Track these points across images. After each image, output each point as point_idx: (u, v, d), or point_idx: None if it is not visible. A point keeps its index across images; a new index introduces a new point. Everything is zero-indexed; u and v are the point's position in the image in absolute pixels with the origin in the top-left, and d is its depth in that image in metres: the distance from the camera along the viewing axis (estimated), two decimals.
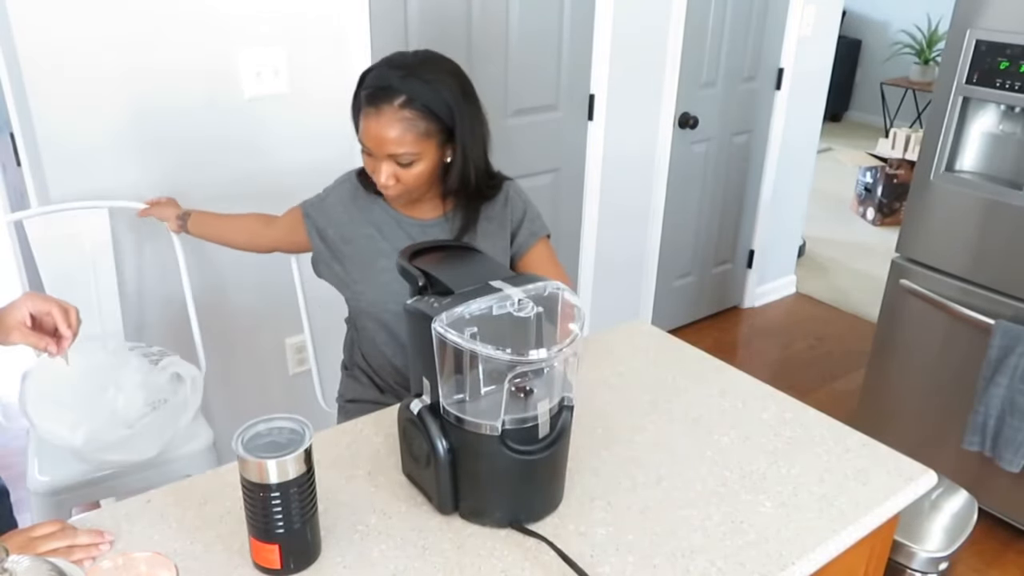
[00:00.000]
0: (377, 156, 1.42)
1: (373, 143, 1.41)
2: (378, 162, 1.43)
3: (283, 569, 1.05)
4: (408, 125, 1.39)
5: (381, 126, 1.39)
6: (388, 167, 1.42)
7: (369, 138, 1.41)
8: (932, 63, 6.23)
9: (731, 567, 1.09)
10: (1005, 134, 2.32)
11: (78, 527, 1.07)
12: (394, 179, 1.43)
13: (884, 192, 4.99)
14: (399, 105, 1.38)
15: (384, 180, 1.43)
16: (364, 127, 1.42)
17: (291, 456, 1.00)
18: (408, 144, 1.40)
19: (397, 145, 1.40)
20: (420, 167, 1.43)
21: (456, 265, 1.23)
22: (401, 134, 1.39)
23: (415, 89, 1.39)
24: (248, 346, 2.40)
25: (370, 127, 1.40)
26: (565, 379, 1.14)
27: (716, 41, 3.20)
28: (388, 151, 1.40)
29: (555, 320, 1.13)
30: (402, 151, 1.40)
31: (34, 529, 1.03)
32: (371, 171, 1.47)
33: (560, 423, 1.13)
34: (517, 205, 1.61)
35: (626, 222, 3.24)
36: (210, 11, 2.01)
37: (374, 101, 1.39)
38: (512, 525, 1.13)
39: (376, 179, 1.46)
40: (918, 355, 2.53)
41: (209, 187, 2.17)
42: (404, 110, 1.38)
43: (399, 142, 1.39)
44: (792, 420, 1.42)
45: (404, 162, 1.42)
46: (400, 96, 1.38)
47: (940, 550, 1.71)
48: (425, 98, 1.39)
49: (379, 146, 1.40)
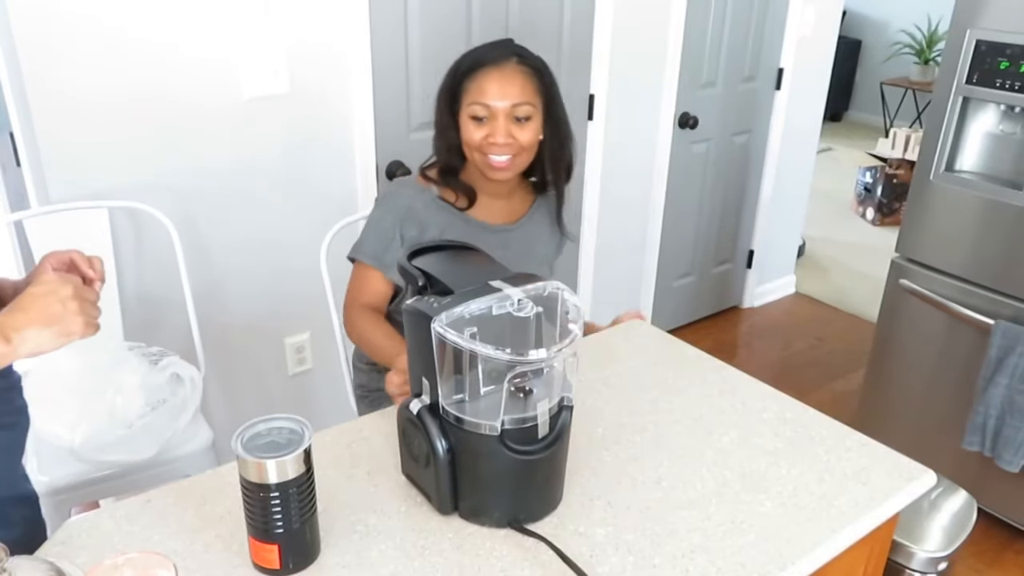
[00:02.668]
0: (494, 114, 1.47)
1: (496, 96, 1.47)
2: (494, 121, 1.48)
3: (282, 569, 1.05)
4: (527, 78, 1.49)
5: (505, 77, 1.47)
6: (506, 123, 1.47)
7: (490, 92, 1.47)
8: (932, 63, 6.23)
9: (731, 567, 1.08)
10: (1005, 134, 2.32)
11: None
12: (511, 137, 1.48)
13: (884, 192, 4.99)
14: (517, 61, 1.50)
15: (502, 138, 1.47)
16: (483, 85, 1.47)
17: (290, 456, 1.00)
18: (530, 95, 1.48)
19: (520, 94, 1.47)
20: (532, 125, 1.50)
21: (456, 265, 1.23)
22: (524, 84, 1.48)
23: (525, 53, 1.53)
24: (248, 346, 2.40)
25: (492, 82, 1.47)
26: (565, 379, 1.14)
27: (716, 41, 3.20)
28: (512, 101, 1.47)
29: (555, 320, 1.13)
30: (524, 99, 1.47)
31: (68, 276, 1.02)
32: (480, 139, 1.49)
33: (560, 423, 1.13)
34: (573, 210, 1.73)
35: (626, 222, 3.24)
36: (210, 11, 2.01)
37: (494, 60, 1.48)
38: (511, 525, 1.13)
39: (492, 141, 1.48)
40: (918, 355, 2.53)
41: (208, 187, 2.17)
42: (522, 65, 1.50)
43: (522, 92, 1.47)
44: (792, 420, 1.42)
45: (522, 115, 1.48)
46: (514, 56, 1.50)
47: (939, 550, 1.71)
48: (535, 61, 1.53)
49: (503, 98, 1.46)
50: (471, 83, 1.49)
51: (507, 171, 1.54)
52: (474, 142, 1.51)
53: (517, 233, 1.65)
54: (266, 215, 2.28)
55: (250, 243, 2.29)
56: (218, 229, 2.23)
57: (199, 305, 2.12)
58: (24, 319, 0.98)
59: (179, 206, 2.11)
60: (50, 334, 1.00)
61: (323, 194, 2.33)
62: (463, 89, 1.51)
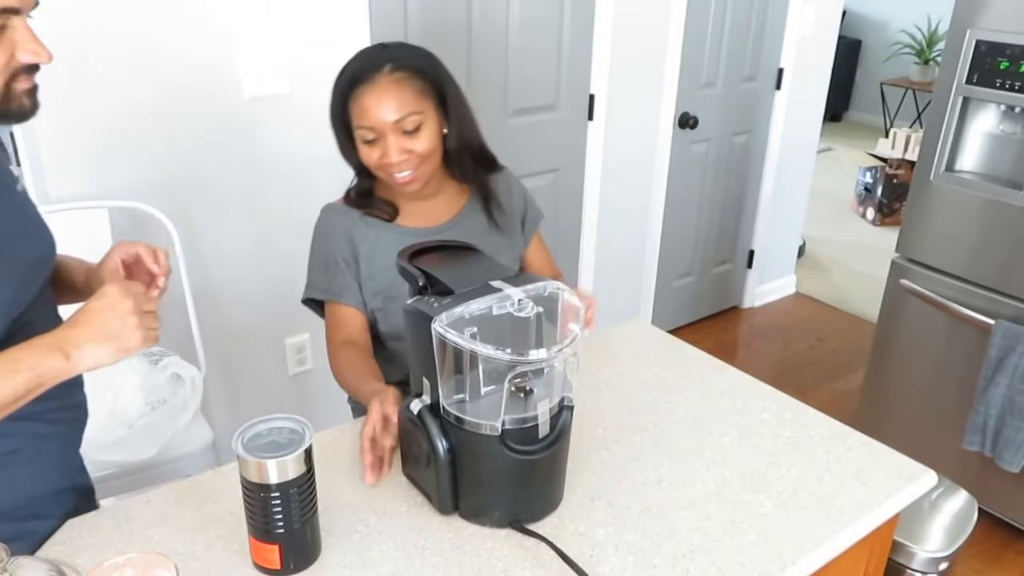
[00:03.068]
0: (381, 133, 1.38)
1: (375, 116, 1.37)
2: (383, 140, 1.39)
3: (283, 569, 1.05)
4: (405, 85, 1.37)
5: (380, 94, 1.36)
6: (396, 140, 1.38)
7: (369, 114, 1.37)
8: (932, 63, 6.23)
9: (731, 567, 1.08)
10: (1005, 134, 2.32)
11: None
12: (405, 152, 1.39)
13: (884, 192, 4.99)
14: (389, 70, 1.37)
15: (396, 156, 1.38)
16: (361, 106, 1.37)
17: (291, 456, 1.00)
18: (410, 103, 1.37)
19: (400, 107, 1.36)
20: (426, 133, 1.40)
21: (456, 265, 1.23)
22: (401, 95, 1.37)
23: (398, 54, 1.41)
24: (248, 346, 2.40)
25: (368, 101, 1.37)
26: (565, 379, 1.14)
27: (716, 41, 3.20)
28: (393, 118, 1.36)
29: (555, 320, 1.13)
30: (406, 113, 1.37)
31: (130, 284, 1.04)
32: (376, 161, 1.41)
33: (560, 423, 1.13)
34: (519, 194, 1.63)
35: (626, 222, 3.24)
36: (210, 11, 2.01)
37: (365, 76, 1.37)
38: (512, 525, 1.13)
39: (386, 162, 1.40)
40: (918, 355, 2.53)
41: (208, 187, 2.17)
42: (396, 73, 1.37)
43: (401, 103, 1.37)
44: (792, 420, 1.42)
45: (410, 128, 1.38)
46: (387, 63, 1.38)
47: (940, 550, 1.71)
48: (410, 59, 1.41)
49: (382, 115, 1.36)
50: (352, 105, 1.39)
51: (414, 183, 1.45)
52: (372, 164, 1.43)
53: (454, 233, 1.53)
54: (266, 215, 2.28)
55: (250, 243, 2.29)
56: (218, 229, 2.23)
57: (199, 305, 2.12)
58: (84, 335, 0.99)
59: (179, 206, 2.11)
60: (108, 350, 1.00)
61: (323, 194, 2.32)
62: (347, 111, 1.41)
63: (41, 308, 1.13)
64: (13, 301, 1.05)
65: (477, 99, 2.59)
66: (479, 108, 1.55)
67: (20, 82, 0.98)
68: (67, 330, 0.99)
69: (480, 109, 2.68)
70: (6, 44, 0.94)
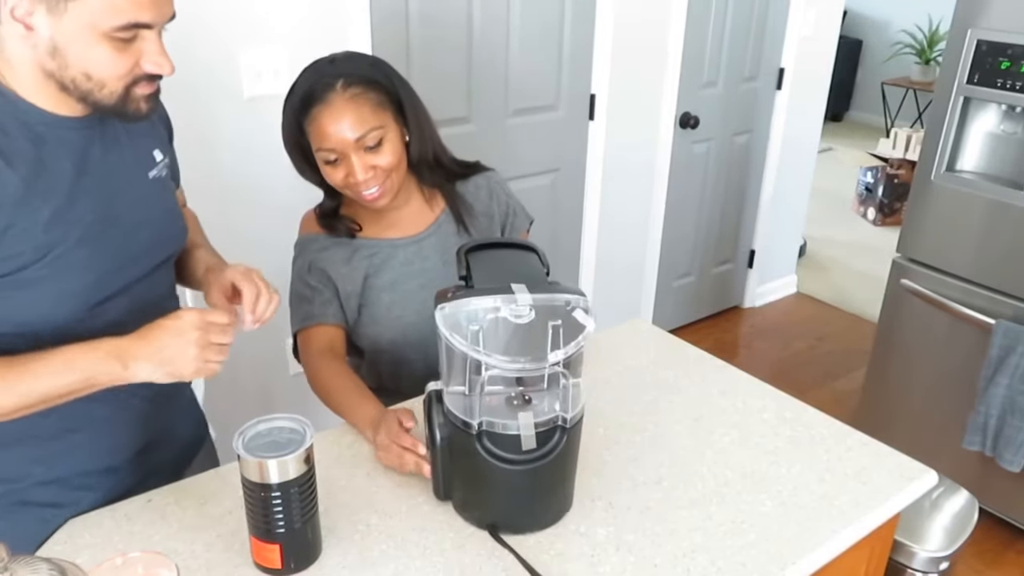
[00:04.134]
0: (343, 153, 1.33)
1: (335, 137, 1.32)
2: (346, 160, 1.33)
3: (284, 569, 1.05)
4: (360, 101, 1.32)
5: (336, 114, 1.31)
6: (359, 159, 1.33)
7: (328, 136, 1.32)
8: (933, 63, 6.23)
9: (731, 567, 1.08)
10: (1006, 134, 2.32)
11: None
12: (370, 169, 1.35)
13: (885, 192, 4.99)
14: (342, 87, 1.31)
15: (361, 175, 1.34)
16: (319, 128, 1.32)
17: (292, 456, 1.00)
18: (369, 119, 1.32)
19: (359, 125, 1.31)
20: (388, 146, 1.35)
21: (499, 263, 1.20)
22: (358, 111, 1.31)
23: (348, 68, 1.35)
24: (248, 346, 2.39)
25: (325, 122, 1.31)
26: (566, 400, 1.10)
27: (717, 41, 3.20)
28: (354, 136, 1.31)
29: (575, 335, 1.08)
30: (366, 129, 1.32)
31: (210, 314, 1.06)
32: (342, 180, 1.36)
33: (552, 444, 1.09)
34: (501, 198, 1.57)
35: (626, 222, 3.23)
36: (210, 11, 2.01)
37: (318, 96, 1.32)
38: (489, 530, 1.13)
39: (352, 181, 1.36)
40: (919, 355, 2.53)
41: (209, 187, 2.16)
42: (349, 89, 1.32)
43: (359, 120, 1.31)
44: (792, 420, 1.42)
45: (372, 144, 1.33)
46: (339, 80, 1.32)
47: (940, 550, 1.71)
48: (361, 71, 1.35)
49: (342, 135, 1.31)
50: (309, 126, 1.34)
51: (383, 198, 1.39)
52: (337, 184, 1.38)
53: (432, 240, 1.50)
54: (266, 215, 2.28)
55: (250, 243, 2.28)
56: (218, 229, 2.22)
57: (199, 304, 2.12)
58: (144, 351, 1.03)
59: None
60: (161, 372, 1.04)
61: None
62: (304, 132, 1.36)
63: (152, 290, 1.19)
64: (95, 285, 1.08)
65: (477, 99, 2.61)
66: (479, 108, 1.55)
67: (141, 87, 1.04)
68: (133, 341, 1.03)
69: (480, 109, 2.70)
70: (133, 53, 1.00)
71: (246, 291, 1.18)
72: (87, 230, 1.05)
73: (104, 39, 0.97)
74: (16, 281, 1.01)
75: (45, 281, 1.02)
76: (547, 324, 1.06)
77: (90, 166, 1.07)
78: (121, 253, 1.11)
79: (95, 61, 0.98)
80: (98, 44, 0.97)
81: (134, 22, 0.98)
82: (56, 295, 1.04)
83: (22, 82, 1.00)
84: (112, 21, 0.96)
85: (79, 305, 1.07)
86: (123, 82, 1.01)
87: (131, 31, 0.98)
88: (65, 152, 1.04)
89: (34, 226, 1.00)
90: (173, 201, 1.26)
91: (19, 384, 1.00)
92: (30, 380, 1.00)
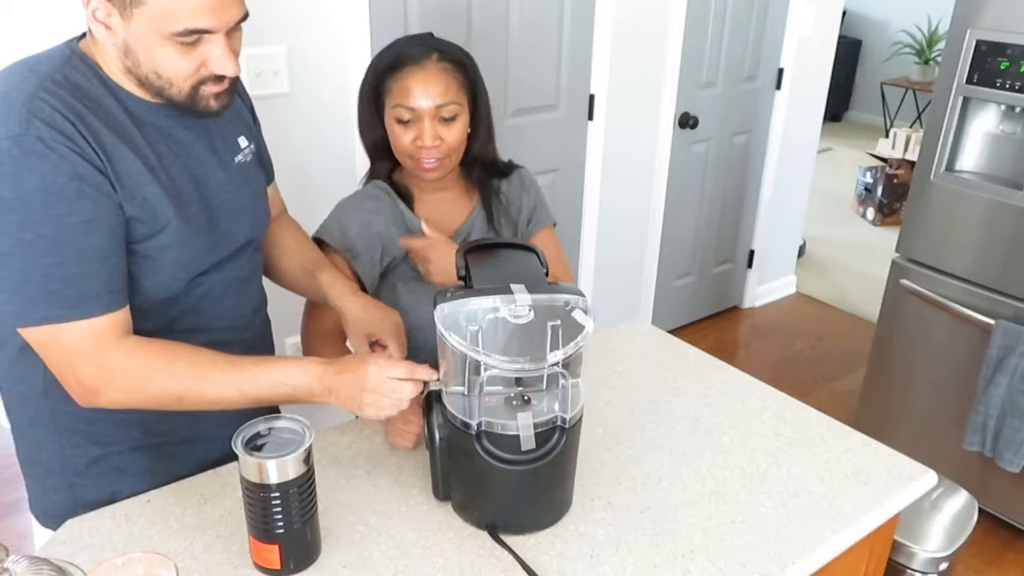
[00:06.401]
0: (419, 116, 1.40)
1: (419, 97, 1.39)
2: (419, 123, 1.41)
3: (283, 569, 1.05)
4: (450, 76, 1.41)
5: (428, 76, 1.39)
6: (432, 126, 1.41)
7: (413, 94, 1.39)
8: (932, 63, 6.23)
9: (731, 567, 1.09)
10: (1005, 134, 2.32)
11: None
12: (438, 139, 1.42)
13: (884, 192, 4.99)
14: (437, 58, 1.41)
15: (430, 141, 1.41)
16: (404, 86, 1.39)
17: (291, 456, 1.00)
18: (453, 93, 1.41)
19: (444, 94, 1.40)
20: (459, 124, 1.44)
21: (497, 263, 1.21)
22: (447, 83, 1.40)
23: (445, 46, 1.44)
24: None
25: (413, 82, 1.39)
26: (565, 400, 1.10)
27: (716, 41, 3.20)
28: (436, 103, 1.39)
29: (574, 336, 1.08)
30: (448, 100, 1.40)
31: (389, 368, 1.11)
32: (408, 143, 1.42)
33: (551, 444, 1.09)
34: (532, 191, 1.63)
35: (626, 222, 3.24)
36: None
37: (415, 58, 1.40)
38: (488, 530, 1.13)
39: (419, 144, 1.41)
40: (918, 355, 2.53)
41: None
42: (443, 62, 1.41)
43: (446, 90, 1.40)
44: (792, 420, 1.42)
45: (447, 116, 1.41)
46: (435, 52, 1.41)
47: (940, 550, 1.71)
48: (456, 54, 1.45)
49: (426, 98, 1.39)
50: (393, 83, 1.41)
51: (437, 171, 1.47)
52: (402, 146, 1.44)
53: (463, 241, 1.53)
54: None
55: None
56: None
57: None
58: (341, 388, 1.10)
59: None
60: (344, 407, 1.12)
61: (323, 194, 2.32)
62: (385, 89, 1.43)
63: (240, 269, 1.27)
64: (199, 258, 1.16)
65: None
66: None
67: (209, 87, 1.10)
68: (339, 376, 1.10)
69: None
70: (198, 55, 1.06)
71: (393, 349, 1.28)
72: (188, 208, 1.13)
73: (168, 42, 1.03)
74: (148, 248, 1.10)
75: (166, 251, 1.11)
76: (546, 324, 1.05)
77: (182, 149, 1.15)
78: (214, 231, 1.19)
79: (162, 62, 1.05)
80: (163, 47, 1.04)
81: (192, 28, 1.03)
82: (174, 265, 1.13)
83: (116, 73, 1.09)
84: (171, 27, 1.02)
85: (187, 276, 1.15)
86: (190, 82, 1.07)
87: (192, 36, 1.03)
88: (160, 136, 1.12)
89: (155, 197, 1.08)
90: (259, 185, 1.32)
91: (238, 382, 1.09)
92: (245, 382, 1.09)
